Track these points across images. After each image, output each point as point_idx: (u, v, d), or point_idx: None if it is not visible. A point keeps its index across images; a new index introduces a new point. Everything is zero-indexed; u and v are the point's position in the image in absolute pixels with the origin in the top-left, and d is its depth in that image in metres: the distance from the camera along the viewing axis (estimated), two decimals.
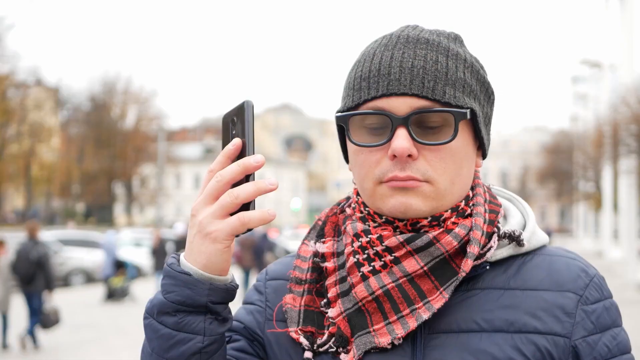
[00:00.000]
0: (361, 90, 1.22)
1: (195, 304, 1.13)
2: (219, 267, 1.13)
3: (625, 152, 22.36)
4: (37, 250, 11.96)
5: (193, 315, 1.14)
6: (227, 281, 1.16)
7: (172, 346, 1.14)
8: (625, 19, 26.58)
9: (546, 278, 1.25)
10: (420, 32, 1.25)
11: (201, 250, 1.13)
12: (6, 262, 11.82)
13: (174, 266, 1.15)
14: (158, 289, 1.20)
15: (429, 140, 1.19)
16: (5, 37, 62.78)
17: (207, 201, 1.13)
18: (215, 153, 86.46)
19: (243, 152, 1.14)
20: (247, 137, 1.13)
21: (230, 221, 1.10)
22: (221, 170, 1.13)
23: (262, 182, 1.11)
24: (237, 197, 1.10)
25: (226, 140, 1.18)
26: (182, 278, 1.13)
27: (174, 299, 1.14)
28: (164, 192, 62.27)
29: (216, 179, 1.12)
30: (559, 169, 59.09)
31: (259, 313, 1.35)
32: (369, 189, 1.23)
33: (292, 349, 1.28)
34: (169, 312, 1.14)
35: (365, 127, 1.22)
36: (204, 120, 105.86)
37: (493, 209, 1.29)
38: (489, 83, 1.29)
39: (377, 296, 1.21)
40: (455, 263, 1.22)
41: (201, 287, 1.13)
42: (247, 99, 1.15)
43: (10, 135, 50.57)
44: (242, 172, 1.11)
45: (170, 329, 1.14)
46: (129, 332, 13.95)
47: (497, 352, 1.19)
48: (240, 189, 1.11)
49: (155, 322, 1.16)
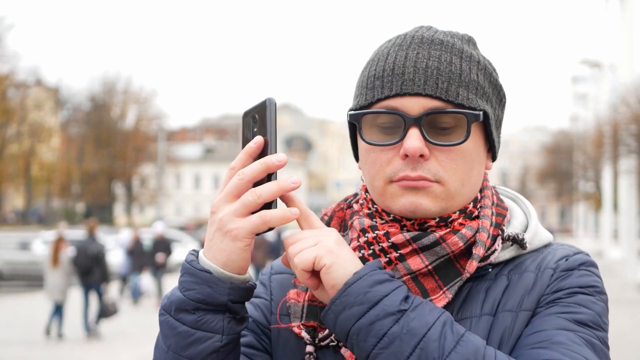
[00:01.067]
0: (375, 89, 1.22)
1: (215, 302, 1.13)
2: (238, 266, 1.13)
3: (625, 152, 22.37)
4: (95, 246, 13.39)
5: (212, 314, 1.13)
6: (246, 280, 1.16)
7: (190, 344, 1.14)
8: (625, 19, 26.58)
9: (535, 267, 1.26)
10: (435, 33, 1.26)
11: (221, 248, 1.12)
12: (66, 257, 13.07)
13: (193, 263, 1.15)
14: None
15: (441, 141, 1.20)
16: (5, 37, 62.81)
17: (228, 199, 1.12)
18: (216, 153, 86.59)
19: (265, 151, 1.13)
20: (270, 136, 1.13)
21: (251, 219, 1.10)
22: (243, 168, 1.13)
23: (285, 180, 1.11)
24: (259, 197, 1.10)
25: (246, 137, 1.17)
26: (202, 276, 1.13)
27: (194, 296, 1.13)
28: (164, 192, 62.29)
29: (238, 177, 1.12)
30: (559, 169, 59.13)
31: (265, 307, 1.35)
32: (380, 187, 1.23)
33: (295, 343, 1.28)
34: (187, 309, 1.13)
35: (377, 126, 1.23)
36: (204, 120, 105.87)
37: (500, 212, 1.30)
38: (501, 86, 1.29)
39: None
40: (460, 264, 1.23)
41: (222, 285, 1.12)
42: (270, 97, 1.14)
43: (10, 135, 50.53)
44: (264, 171, 1.11)
45: (188, 327, 1.13)
46: (129, 332, 13.95)
47: (484, 334, 1.19)
48: (263, 188, 1.11)
49: (172, 320, 1.14)
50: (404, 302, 1.09)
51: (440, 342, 1.07)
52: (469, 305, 1.23)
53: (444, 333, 1.08)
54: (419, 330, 1.07)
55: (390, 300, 1.09)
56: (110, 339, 13.09)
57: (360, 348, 1.10)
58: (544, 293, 1.21)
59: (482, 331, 1.20)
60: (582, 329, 1.16)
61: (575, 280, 1.22)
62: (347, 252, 1.14)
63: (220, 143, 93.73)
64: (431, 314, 1.09)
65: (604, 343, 1.18)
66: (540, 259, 1.26)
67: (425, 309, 1.10)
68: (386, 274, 1.12)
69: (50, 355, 11.63)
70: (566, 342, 1.13)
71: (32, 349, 12.03)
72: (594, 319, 1.18)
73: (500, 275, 1.25)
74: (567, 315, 1.18)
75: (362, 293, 1.09)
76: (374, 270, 1.12)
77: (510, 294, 1.22)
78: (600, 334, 1.18)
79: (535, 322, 1.18)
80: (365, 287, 1.09)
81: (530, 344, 1.15)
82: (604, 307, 1.22)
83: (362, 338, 1.09)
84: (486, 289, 1.24)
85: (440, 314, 1.10)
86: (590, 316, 1.18)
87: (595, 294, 1.21)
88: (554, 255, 1.26)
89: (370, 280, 1.10)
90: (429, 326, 1.08)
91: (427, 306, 1.11)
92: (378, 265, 1.13)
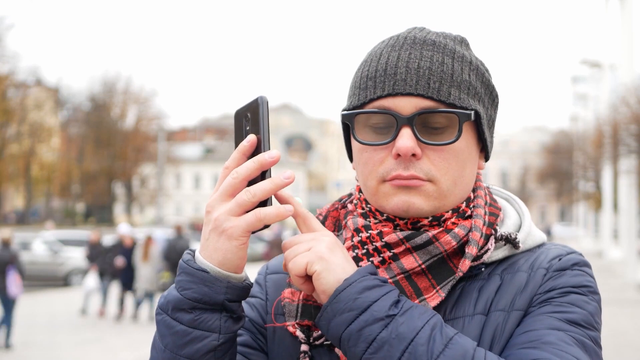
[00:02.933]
0: (367, 89, 1.24)
1: (212, 301, 1.13)
2: (234, 264, 1.14)
3: (625, 152, 22.35)
4: (183, 242, 16.02)
5: (209, 313, 1.14)
6: (242, 279, 1.16)
7: (187, 343, 1.14)
8: (625, 19, 26.58)
9: (527, 267, 1.26)
10: (427, 34, 1.27)
11: (217, 247, 1.13)
12: (156, 252, 15.44)
13: (190, 262, 1.15)
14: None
15: (433, 141, 1.20)
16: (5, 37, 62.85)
17: (223, 198, 1.13)
18: (216, 153, 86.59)
19: (258, 149, 1.14)
20: (262, 134, 1.14)
21: (246, 218, 1.11)
22: (237, 167, 1.14)
23: (278, 177, 1.12)
24: (254, 195, 1.11)
25: (239, 136, 1.18)
26: (199, 275, 1.13)
27: (191, 296, 1.13)
28: (164, 192, 62.24)
29: (232, 176, 1.13)
30: (559, 169, 59.10)
31: (261, 306, 1.36)
32: (372, 187, 1.24)
33: (290, 342, 1.29)
34: (184, 309, 1.14)
35: (370, 126, 1.24)
36: (204, 120, 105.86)
37: (493, 212, 1.30)
38: (493, 86, 1.30)
39: None
40: (453, 263, 1.23)
41: (219, 285, 1.13)
42: (261, 95, 1.14)
43: (10, 135, 50.59)
44: (257, 169, 1.12)
45: (185, 326, 1.14)
46: (129, 332, 13.95)
47: (476, 333, 1.20)
48: (258, 187, 1.12)
49: (169, 319, 1.15)
50: (394, 307, 1.10)
51: (429, 345, 1.07)
52: (461, 304, 1.23)
53: (432, 336, 1.08)
54: (407, 334, 1.08)
55: (379, 306, 1.10)
56: (110, 339, 13.10)
57: (351, 353, 1.11)
58: (536, 292, 1.21)
59: (474, 330, 1.20)
60: (574, 329, 1.16)
61: (568, 279, 1.22)
62: (339, 258, 1.15)
63: (220, 143, 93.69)
64: (420, 318, 1.10)
65: (596, 343, 1.18)
66: (533, 259, 1.27)
67: (415, 313, 1.10)
68: (376, 280, 1.13)
69: (50, 355, 11.64)
70: (556, 341, 1.13)
71: (32, 349, 12.04)
72: (586, 318, 1.18)
73: (493, 275, 1.26)
74: (559, 314, 1.18)
75: (352, 299, 1.10)
76: (364, 277, 1.12)
77: (503, 293, 1.23)
78: (592, 334, 1.18)
79: (527, 322, 1.18)
80: (355, 293, 1.10)
81: (521, 344, 1.15)
82: (596, 307, 1.22)
83: (353, 344, 1.10)
84: (479, 288, 1.24)
85: (429, 317, 1.11)
86: (583, 316, 1.18)
87: (588, 294, 1.21)
88: (546, 255, 1.27)
89: (359, 286, 1.11)
90: (418, 330, 1.08)
91: (417, 310, 1.11)
92: (369, 271, 1.14)
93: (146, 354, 10.84)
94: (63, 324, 13.79)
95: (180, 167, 75.08)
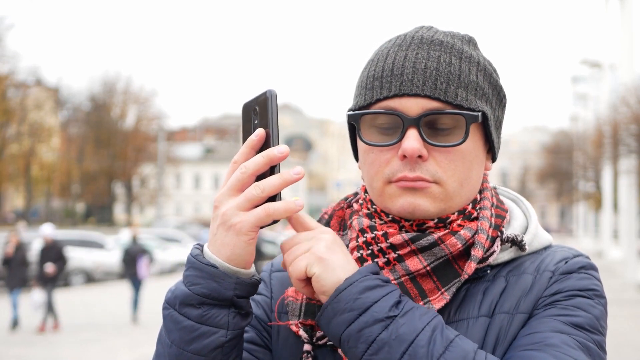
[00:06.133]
0: (373, 89, 1.22)
1: (221, 297, 1.12)
2: (243, 260, 1.12)
3: (625, 152, 22.36)
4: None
5: (217, 309, 1.13)
6: (250, 275, 1.15)
7: (194, 339, 1.13)
8: (625, 19, 26.58)
9: (533, 270, 1.25)
10: (435, 33, 1.25)
11: (225, 242, 1.11)
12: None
13: (199, 257, 1.14)
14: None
15: (440, 142, 1.19)
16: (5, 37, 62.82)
17: (232, 193, 1.12)
18: (216, 153, 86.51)
19: (267, 143, 1.12)
20: (272, 128, 1.12)
21: (255, 212, 1.10)
22: (245, 161, 1.12)
23: (288, 173, 1.10)
24: (263, 190, 1.10)
25: (247, 130, 1.16)
26: (208, 270, 1.12)
27: (200, 291, 1.12)
28: (164, 192, 62.25)
29: (240, 171, 1.12)
30: (559, 169, 59.11)
31: (266, 304, 1.35)
32: (378, 188, 1.23)
33: (294, 341, 1.28)
34: (192, 304, 1.12)
35: (376, 127, 1.22)
36: (204, 120, 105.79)
37: (499, 214, 1.29)
38: (501, 87, 1.28)
39: None
40: (458, 265, 1.22)
41: (228, 280, 1.12)
42: (270, 88, 1.13)
43: (10, 135, 50.49)
44: (266, 164, 1.11)
45: (193, 322, 1.13)
46: (129, 332, 13.94)
47: (480, 336, 1.19)
48: (267, 181, 1.10)
49: (177, 314, 1.13)
50: (394, 308, 1.09)
51: (429, 347, 1.06)
52: (466, 306, 1.22)
53: (433, 338, 1.07)
54: (407, 336, 1.07)
55: (380, 307, 1.09)
56: (108, 339, 13.10)
57: (351, 354, 1.10)
58: (541, 295, 1.20)
59: (478, 332, 1.19)
60: (579, 332, 1.15)
61: (575, 283, 1.21)
62: (339, 257, 1.13)
63: (220, 143, 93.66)
64: (421, 320, 1.09)
65: (601, 347, 1.17)
66: (539, 262, 1.25)
67: (416, 314, 1.09)
68: (378, 280, 1.12)
69: (50, 355, 11.63)
70: (559, 344, 1.12)
71: (32, 349, 12.03)
72: (591, 322, 1.17)
73: (498, 277, 1.25)
74: (564, 317, 1.17)
75: (352, 300, 1.09)
76: (365, 276, 1.11)
77: (508, 295, 1.22)
78: (597, 338, 1.17)
79: (531, 324, 1.17)
80: (356, 293, 1.09)
81: (524, 346, 1.14)
82: (602, 311, 1.20)
83: (353, 344, 1.09)
84: (484, 290, 1.23)
85: (431, 318, 1.10)
86: (588, 319, 1.17)
87: (594, 297, 1.20)
88: (553, 257, 1.25)
89: (360, 286, 1.10)
90: (418, 332, 1.07)
91: (418, 311, 1.10)
92: (370, 270, 1.13)
93: (146, 354, 10.83)
94: (63, 323, 13.77)
95: (180, 167, 75.01)
